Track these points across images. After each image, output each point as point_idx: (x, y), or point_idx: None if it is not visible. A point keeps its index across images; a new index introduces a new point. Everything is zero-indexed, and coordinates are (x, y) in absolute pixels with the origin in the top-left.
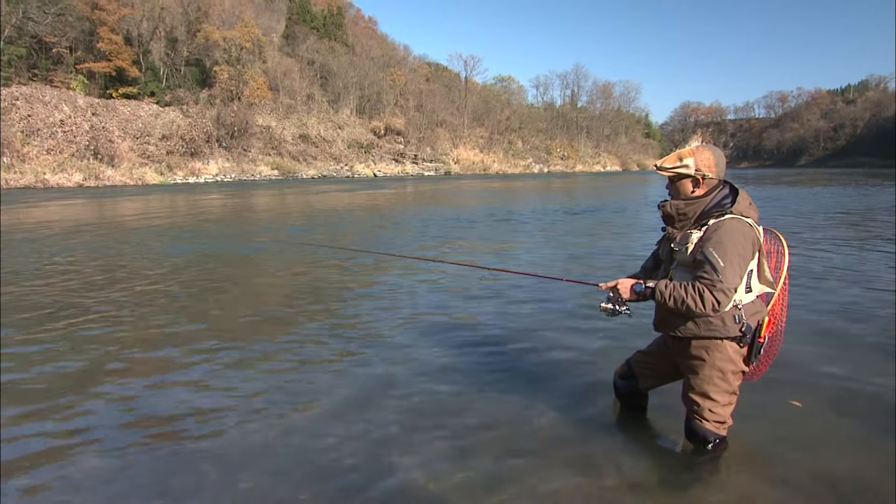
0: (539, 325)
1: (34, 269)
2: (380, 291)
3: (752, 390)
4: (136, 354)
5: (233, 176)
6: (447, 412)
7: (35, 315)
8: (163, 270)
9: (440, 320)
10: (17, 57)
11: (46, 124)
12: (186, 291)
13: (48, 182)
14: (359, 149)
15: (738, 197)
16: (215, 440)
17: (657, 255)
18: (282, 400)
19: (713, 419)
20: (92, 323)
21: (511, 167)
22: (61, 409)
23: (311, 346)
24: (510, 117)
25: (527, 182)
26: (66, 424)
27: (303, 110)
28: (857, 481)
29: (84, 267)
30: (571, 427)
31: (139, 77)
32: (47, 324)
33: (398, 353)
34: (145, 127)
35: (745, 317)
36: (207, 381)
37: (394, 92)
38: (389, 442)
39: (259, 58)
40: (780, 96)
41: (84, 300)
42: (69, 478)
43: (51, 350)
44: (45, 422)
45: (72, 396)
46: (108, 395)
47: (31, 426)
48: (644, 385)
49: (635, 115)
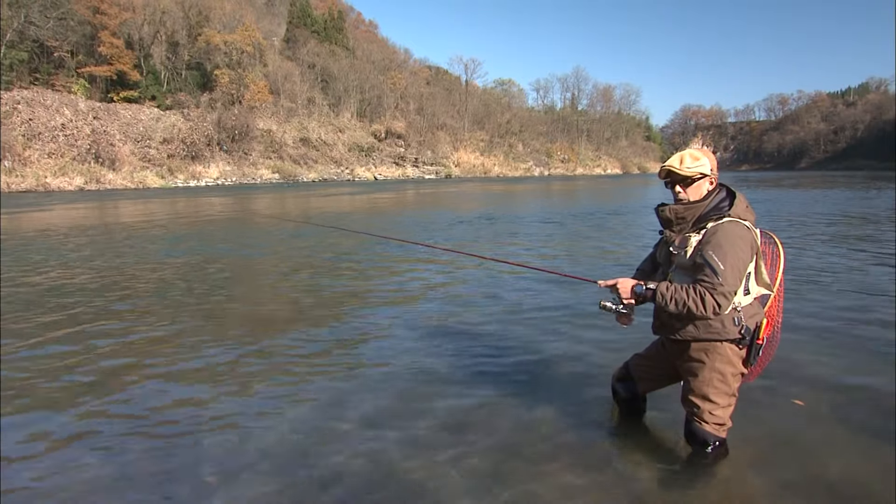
0: (537, 327)
1: (37, 270)
2: (381, 291)
3: (750, 393)
4: (140, 355)
5: (233, 179)
6: (444, 414)
7: (37, 316)
8: (166, 272)
9: (441, 322)
10: (19, 61)
11: (48, 128)
12: (197, 293)
13: (49, 186)
14: (359, 152)
15: (735, 200)
16: (217, 440)
17: (654, 258)
18: (283, 399)
19: (713, 421)
20: (95, 324)
21: (511, 170)
22: (62, 409)
23: (313, 346)
24: (510, 120)
25: (528, 185)
26: (67, 425)
27: (303, 114)
28: (857, 483)
29: (86, 270)
30: (570, 430)
31: (140, 81)
32: (49, 324)
33: (397, 353)
34: (146, 130)
35: (744, 319)
36: (210, 380)
37: (394, 95)
38: (388, 441)
39: (260, 61)
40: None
41: (90, 301)
42: (70, 479)
43: (53, 351)
44: (45, 422)
45: (72, 397)
46: (109, 396)
47: (32, 425)
48: (642, 388)
49: (636, 118)
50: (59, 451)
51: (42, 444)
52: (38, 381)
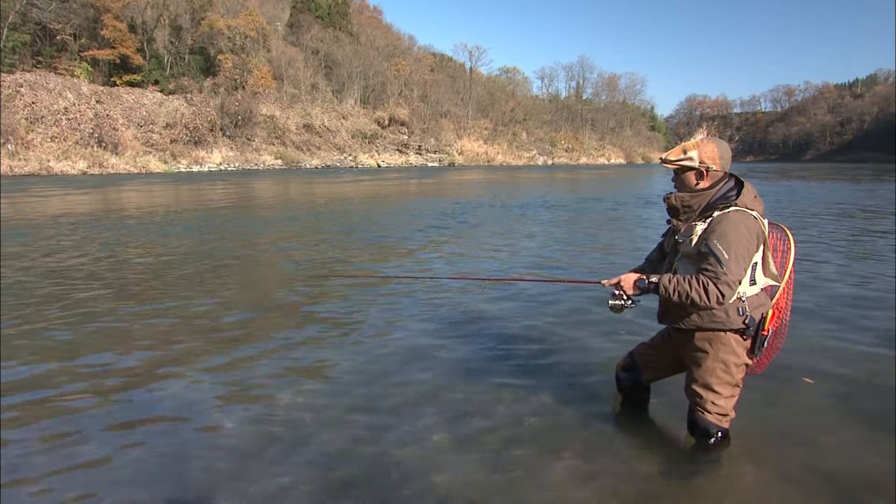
0: (540, 318)
1: (39, 259)
2: (383, 286)
3: (753, 385)
4: (142, 348)
5: (236, 165)
6: (448, 406)
7: (37, 306)
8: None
9: (442, 314)
10: (22, 44)
11: (50, 111)
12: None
13: (52, 169)
14: (363, 139)
15: (743, 189)
16: (218, 434)
17: (662, 247)
18: (285, 392)
19: (716, 411)
20: (96, 314)
21: (515, 159)
22: (61, 404)
23: (315, 339)
24: (515, 109)
25: (531, 174)
26: (67, 421)
27: (307, 100)
28: (859, 475)
29: (87, 257)
30: (574, 420)
31: (143, 65)
32: (50, 315)
33: (398, 347)
34: (149, 115)
35: (749, 309)
36: (210, 373)
37: (398, 82)
38: (390, 433)
39: (263, 46)
40: (786, 90)
41: (92, 291)
42: (70, 472)
43: (54, 342)
44: (45, 419)
45: (71, 390)
46: (109, 390)
47: (31, 424)
48: (647, 377)
49: (640, 107)
50: (56, 445)
51: (39, 439)
52: (34, 369)
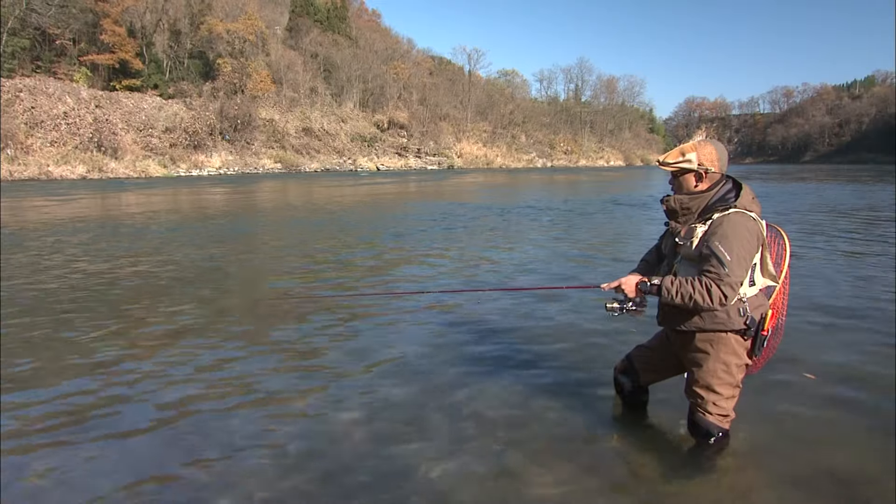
0: (539, 321)
1: (36, 263)
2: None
3: (753, 385)
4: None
5: (236, 169)
6: (447, 407)
7: (37, 308)
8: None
9: (442, 317)
10: (21, 48)
11: (50, 116)
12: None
13: (52, 174)
14: (362, 142)
15: (741, 191)
16: (218, 432)
17: (659, 249)
18: (287, 391)
19: (717, 412)
20: (95, 316)
21: (514, 161)
22: (59, 400)
23: (316, 340)
24: (514, 111)
25: (531, 176)
26: (66, 417)
27: (306, 103)
28: (859, 475)
29: (84, 261)
30: (572, 423)
31: (142, 69)
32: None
33: (396, 346)
34: (148, 119)
35: (750, 310)
36: (210, 372)
37: (397, 85)
38: (390, 433)
39: (262, 51)
40: (784, 91)
41: (90, 293)
42: (70, 468)
43: (53, 340)
44: (44, 417)
45: (69, 388)
46: (109, 388)
47: (31, 422)
48: (645, 380)
49: (639, 109)
50: (55, 441)
51: (40, 435)
52: (34, 368)
